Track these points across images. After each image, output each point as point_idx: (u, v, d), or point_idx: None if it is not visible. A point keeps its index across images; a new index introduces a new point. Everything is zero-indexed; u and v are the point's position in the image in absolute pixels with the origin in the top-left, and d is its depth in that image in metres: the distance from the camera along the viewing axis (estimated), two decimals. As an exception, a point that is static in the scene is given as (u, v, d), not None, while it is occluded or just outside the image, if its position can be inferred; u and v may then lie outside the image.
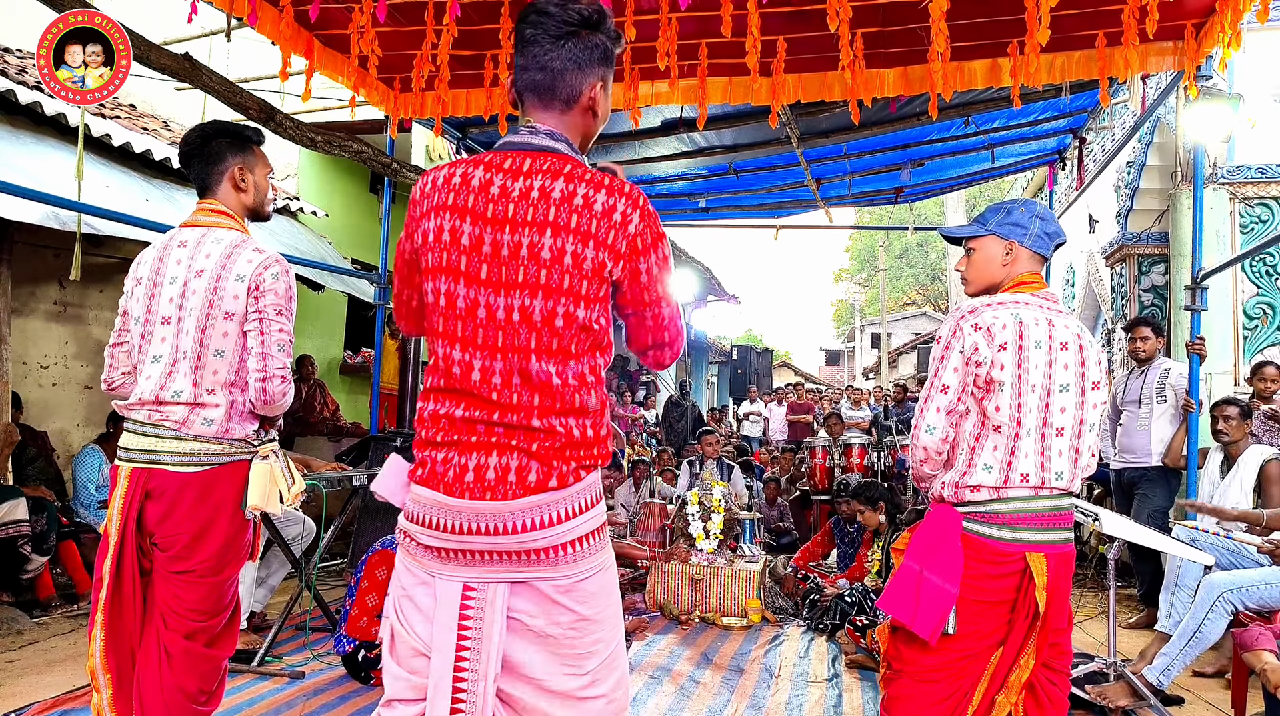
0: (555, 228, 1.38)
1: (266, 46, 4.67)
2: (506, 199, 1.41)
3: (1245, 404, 4.47)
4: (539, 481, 1.40)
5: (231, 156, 2.37)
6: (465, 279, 1.41)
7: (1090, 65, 4.35)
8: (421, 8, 4.29)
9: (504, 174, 1.43)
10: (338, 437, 7.66)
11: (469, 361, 1.41)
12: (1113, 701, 3.40)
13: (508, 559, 1.41)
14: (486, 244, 1.40)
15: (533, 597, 1.42)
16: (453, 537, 1.41)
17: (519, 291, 1.39)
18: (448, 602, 1.41)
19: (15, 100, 5.05)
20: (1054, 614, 2.00)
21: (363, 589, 3.68)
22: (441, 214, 1.44)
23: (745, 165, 7.28)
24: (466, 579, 1.41)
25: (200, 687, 2.22)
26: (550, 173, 1.42)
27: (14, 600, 4.63)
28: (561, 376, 1.40)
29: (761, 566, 5.20)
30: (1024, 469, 2.01)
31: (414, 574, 1.47)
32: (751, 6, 3.83)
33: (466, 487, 1.40)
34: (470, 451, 1.42)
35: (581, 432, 1.43)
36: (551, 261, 1.38)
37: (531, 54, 1.47)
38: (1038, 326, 2.04)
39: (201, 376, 2.25)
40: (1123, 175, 7.56)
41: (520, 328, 1.39)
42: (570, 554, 1.42)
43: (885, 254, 31.46)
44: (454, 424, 1.43)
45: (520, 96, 1.51)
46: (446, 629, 1.41)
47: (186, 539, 2.22)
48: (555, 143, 1.46)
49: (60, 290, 6.00)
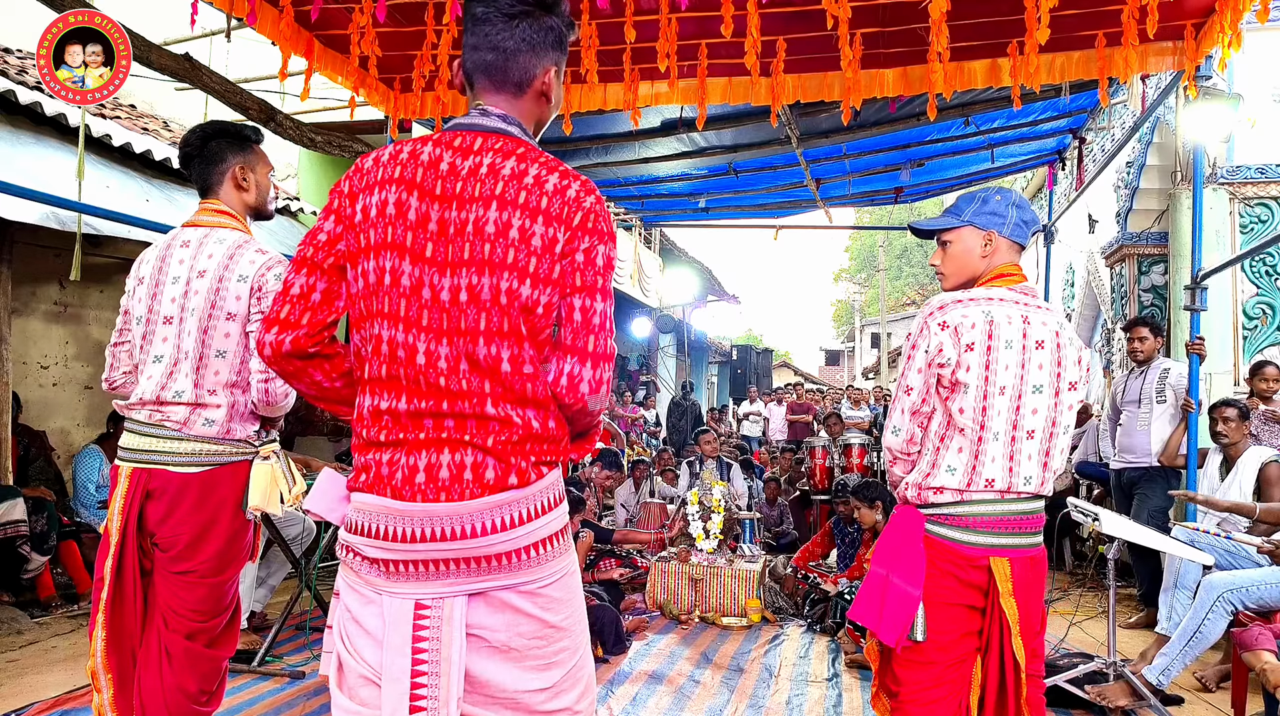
0: (502, 202, 1.30)
1: (266, 46, 4.66)
2: (455, 175, 1.32)
3: (1244, 405, 4.47)
4: (498, 479, 1.28)
5: (232, 156, 2.37)
6: (411, 256, 1.31)
7: (1090, 65, 4.35)
8: (421, 8, 4.29)
9: (453, 151, 1.35)
10: (338, 437, 7.65)
11: (413, 344, 1.30)
12: (1112, 701, 3.41)
13: (465, 567, 1.28)
14: (433, 221, 1.31)
15: (493, 607, 1.31)
16: (403, 548, 1.27)
17: (465, 269, 1.29)
18: (398, 623, 1.28)
19: (15, 100, 5.05)
20: (1027, 618, 1.93)
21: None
22: (386, 188, 1.34)
23: (745, 165, 7.28)
24: (418, 595, 1.28)
25: (201, 688, 2.23)
26: (502, 152, 1.34)
27: (14, 600, 4.64)
28: (513, 362, 1.29)
29: (761, 566, 5.20)
30: (989, 473, 1.93)
31: (359, 593, 1.34)
32: (751, 7, 3.83)
33: (418, 490, 1.27)
34: (419, 449, 1.29)
35: (542, 425, 1.32)
36: (496, 235, 1.29)
37: (483, 33, 1.39)
38: (1010, 325, 1.94)
39: (203, 377, 2.25)
40: (1122, 175, 7.56)
41: (468, 308, 1.29)
42: (534, 557, 1.32)
43: (885, 254, 31.48)
44: (398, 420, 1.31)
45: (470, 78, 1.43)
46: (398, 652, 1.27)
47: (187, 539, 2.22)
48: (508, 125, 1.39)
49: (60, 290, 6.00)
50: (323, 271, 1.37)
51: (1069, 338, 2.01)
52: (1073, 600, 5.41)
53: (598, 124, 6.10)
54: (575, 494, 4.52)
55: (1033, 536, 1.98)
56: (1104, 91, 4.37)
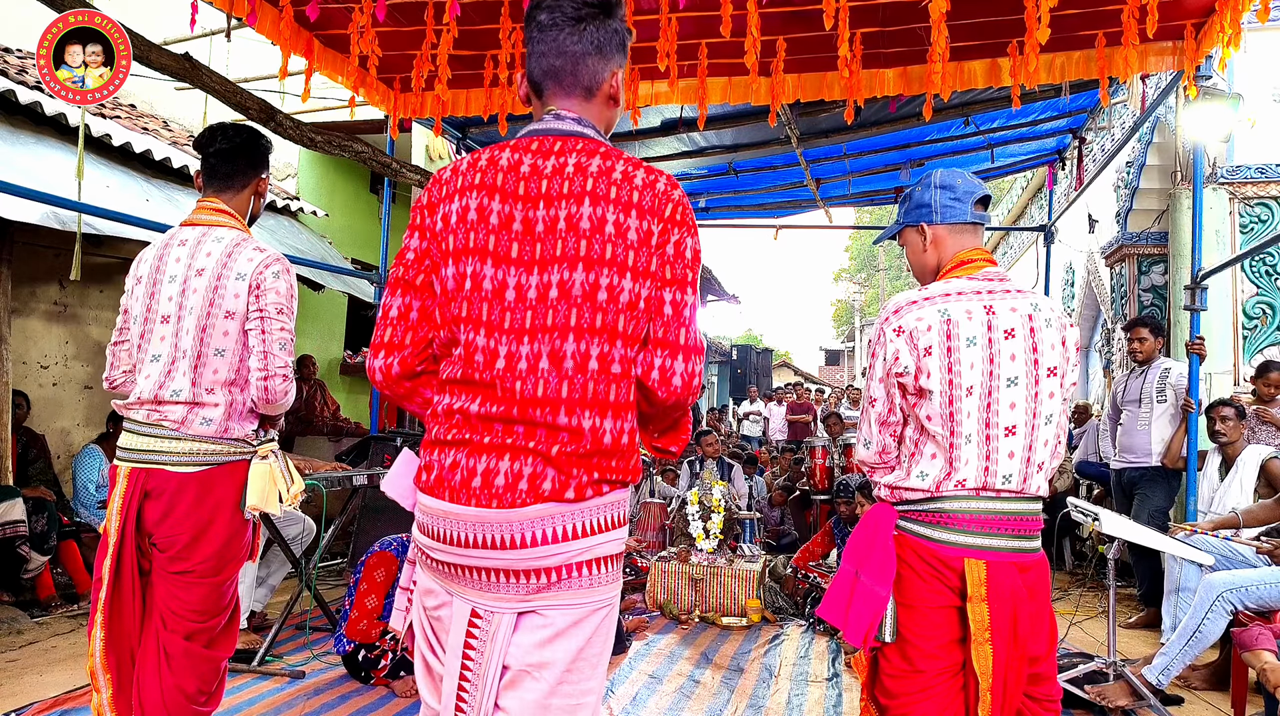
0: (595, 197, 1.30)
1: (266, 46, 4.67)
2: (538, 175, 1.33)
3: (1241, 405, 4.47)
4: (553, 490, 1.26)
5: (265, 165, 2.44)
6: (494, 258, 1.31)
7: (1090, 65, 4.36)
8: (421, 8, 4.29)
9: (533, 154, 1.36)
10: (338, 438, 7.66)
11: (494, 348, 1.30)
12: (1112, 701, 3.40)
13: (515, 580, 1.28)
14: (517, 221, 1.32)
15: (535, 627, 1.30)
16: (459, 552, 1.29)
17: (555, 265, 1.28)
18: (458, 626, 1.32)
19: (15, 100, 5.06)
20: (1026, 634, 1.76)
21: (361, 591, 3.68)
22: (466, 194, 1.35)
23: (745, 165, 7.28)
24: (475, 604, 1.31)
25: (200, 688, 2.22)
26: (584, 152, 1.35)
27: (14, 600, 4.64)
28: (601, 359, 1.28)
29: (761, 566, 5.20)
30: (962, 475, 1.79)
31: (435, 593, 1.38)
32: (751, 6, 3.83)
33: (473, 494, 1.27)
34: (480, 452, 1.29)
35: (614, 438, 1.30)
36: (592, 231, 1.28)
37: (550, 39, 1.40)
38: (971, 320, 1.80)
39: (201, 375, 2.24)
40: (1122, 175, 7.56)
41: (558, 304, 1.28)
42: (583, 576, 1.29)
43: (885, 254, 31.48)
44: (468, 421, 1.31)
45: (538, 85, 1.43)
46: (454, 653, 1.31)
47: (185, 539, 2.22)
48: (584, 128, 1.39)
49: (60, 290, 6.00)
50: (416, 289, 1.38)
51: (1045, 320, 1.84)
52: (1073, 600, 5.41)
53: (597, 123, 6.10)
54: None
55: (1019, 539, 1.81)
56: (1104, 91, 4.38)
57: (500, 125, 4.94)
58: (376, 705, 3.41)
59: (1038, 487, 1.84)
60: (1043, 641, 1.82)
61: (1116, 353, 7.95)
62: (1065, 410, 1.90)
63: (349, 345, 9.41)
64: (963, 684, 1.80)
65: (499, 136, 6.27)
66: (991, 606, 1.73)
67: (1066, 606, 5.19)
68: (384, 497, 5.50)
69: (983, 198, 1.96)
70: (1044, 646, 1.83)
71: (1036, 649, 1.80)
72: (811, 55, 4.57)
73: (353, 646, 3.61)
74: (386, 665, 3.57)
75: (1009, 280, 1.91)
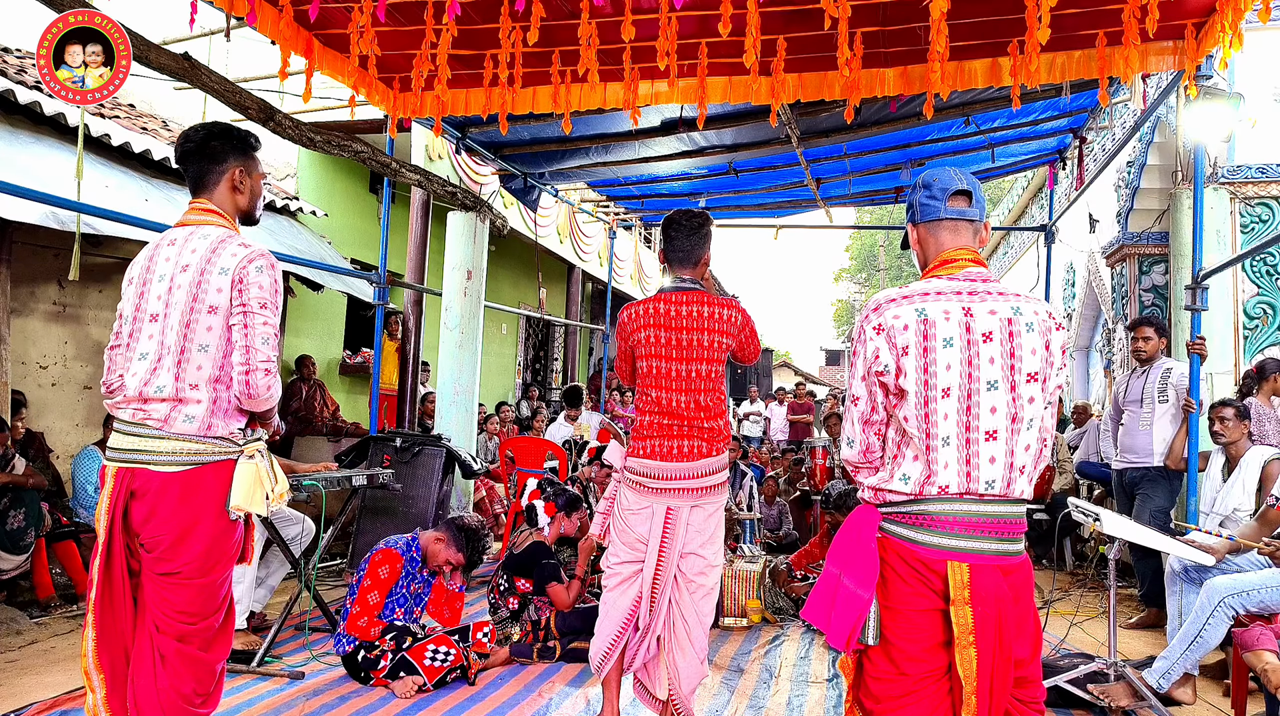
0: (707, 329, 2.88)
1: (266, 46, 4.66)
2: (679, 317, 2.88)
3: (1242, 405, 4.46)
4: (704, 452, 2.88)
5: (233, 158, 2.38)
6: (664, 357, 2.88)
7: (1090, 65, 4.34)
8: (421, 7, 4.28)
9: (674, 304, 2.90)
10: (337, 438, 7.65)
11: (670, 397, 2.88)
12: (1113, 701, 3.40)
13: (689, 493, 2.87)
14: (673, 341, 2.87)
15: (698, 510, 2.91)
16: (664, 482, 2.86)
17: (692, 362, 2.87)
18: (658, 516, 2.88)
19: (15, 100, 5.06)
20: (1011, 637, 1.75)
21: (364, 587, 3.68)
22: (646, 328, 2.90)
23: (745, 165, 7.26)
24: (669, 504, 2.87)
25: (195, 690, 2.22)
26: (698, 301, 2.90)
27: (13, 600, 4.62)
28: (712, 399, 2.91)
29: (761, 566, 5.19)
30: (943, 480, 1.78)
31: (636, 501, 2.92)
32: (751, 6, 3.82)
33: (670, 456, 2.86)
34: (672, 438, 2.87)
35: (724, 429, 2.94)
36: (709, 346, 2.88)
37: (679, 240, 2.97)
38: (948, 321, 1.79)
39: (184, 371, 2.23)
40: (1123, 175, 7.55)
41: (695, 380, 2.88)
42: (717, 490, 2.93)
43: (885, 254, 31.47)
44: (661, 427, 2.88)
45: (669, 262, 2.99)
46: (657, 529, 2.88)
47: (170, 539, 2.20)
48: (695, 285, 2.95)
49: (60, 290, 6.00)
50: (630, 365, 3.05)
51: (1026, 324, 1.81)
52: (1073, 600, 5.40)
53: (598, 123, 6.09)
54: (573, 493, 4.51)
55: (1002, 542, 1.80)
56: (1104, 91, 4.36)
57: (501, 125, 4.92)
58: (376, 705, 3.41)
59: (1021, 491, 1.83)
60: (1027, 644, 1.82)
61: (1117, 352, 7.95)
62: (1050, 413, 1.86)
63: (348, 345, 9.40)
64: (949, 688, 1.78)
65: (498, 135, 6.26)
66: (975, 609, 1.73)
67: (1067, 606, 5.18)
68: (384, 498, 5.57)
69: (959, 191, 1.94)
70: (1028, 649, 1.82)
71: (1021, 651, 1.80)
72: (812, 55, 4.56)
73: (353, 646, 3.61)
74: (386, 665, 3.57)
75: (993, 281, 1.88)
